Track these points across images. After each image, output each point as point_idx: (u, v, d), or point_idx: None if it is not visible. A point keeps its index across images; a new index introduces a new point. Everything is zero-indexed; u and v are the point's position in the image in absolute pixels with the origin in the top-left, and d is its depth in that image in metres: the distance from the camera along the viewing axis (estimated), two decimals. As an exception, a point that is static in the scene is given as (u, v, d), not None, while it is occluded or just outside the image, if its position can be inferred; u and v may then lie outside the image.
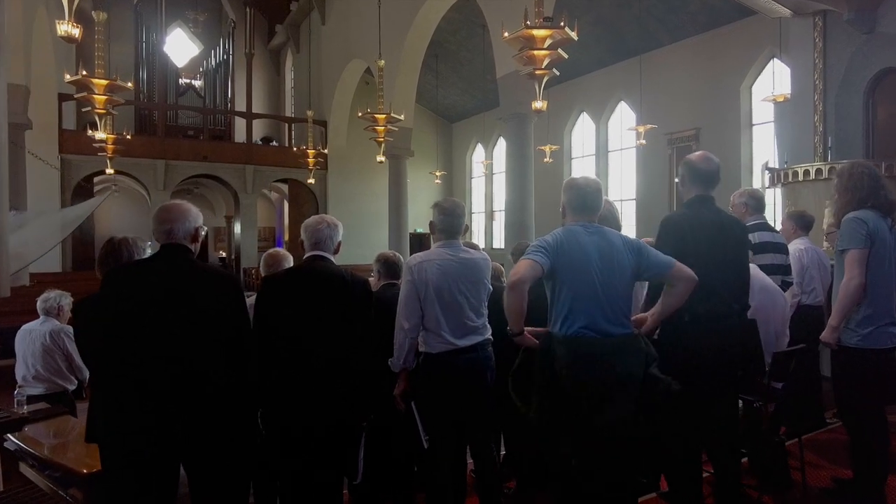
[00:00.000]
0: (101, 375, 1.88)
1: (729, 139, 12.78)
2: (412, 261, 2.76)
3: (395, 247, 15.31)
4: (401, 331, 2.72)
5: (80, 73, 8.95)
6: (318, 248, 2.60)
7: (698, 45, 13.25)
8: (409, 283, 2.72)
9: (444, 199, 2.92)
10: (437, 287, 2.70)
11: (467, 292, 2.77)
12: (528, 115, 10.14)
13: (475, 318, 2.80)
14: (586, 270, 2.24)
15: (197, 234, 2.12)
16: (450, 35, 16.81)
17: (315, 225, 2.62)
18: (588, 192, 2.40)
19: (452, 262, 2.75)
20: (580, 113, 17.18)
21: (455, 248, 2.81)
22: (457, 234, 2.84)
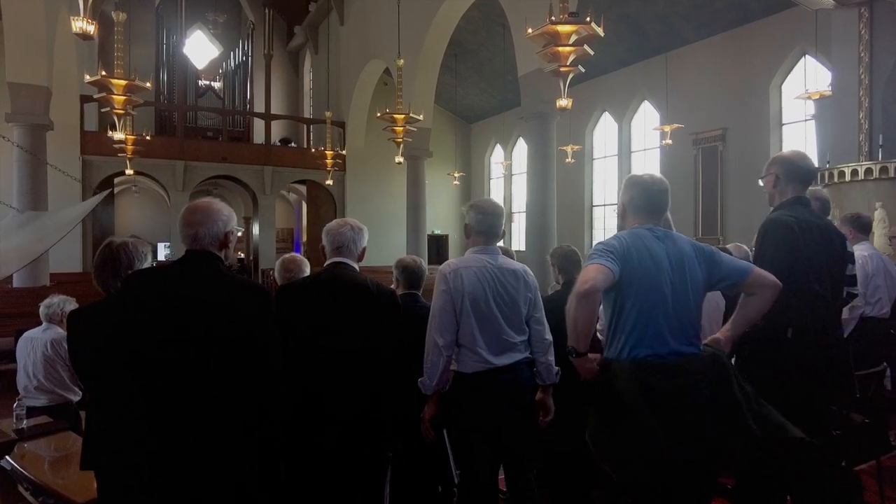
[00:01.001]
0: (99, 396, 1.61)
1: (757, 139, 12.39)
2: (446, 267, 2.46)
3: (413, 249, 15.15)
4: (434, 348, 2.39)
5: (99, 74, 8.92)
6: (341, 254, 2.38)
7: (725, 43, 12.87)
8: (443, 294, 2.40)
9: (480, 199, 2.60)
10: (473, 297, 2.40)
11: (506, 305, 2.46)
12: (550, 114, 9.90)
13: (514, 334, 2.48)
14: (657, 283, 1.92)
15: (227, 239, 1.85)
16: (469, 34, 16.61)
17: (337, 228, 2.41)
18: (655, 191, 2.12)
19: (491, 270, 2.45)
20: (602, 113, 16.86)
21: (493, 253, 2.51)
22: (496, 237, 2.54)
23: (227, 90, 23.92)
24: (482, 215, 2.51)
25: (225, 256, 1.86)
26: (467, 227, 2.56)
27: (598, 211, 17.39)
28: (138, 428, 1.53)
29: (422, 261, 3.05)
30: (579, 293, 1.81)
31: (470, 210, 2.55)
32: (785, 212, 2.42)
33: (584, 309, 1.81)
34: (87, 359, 1.60)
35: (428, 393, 2.44)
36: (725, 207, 13.00)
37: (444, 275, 2.43)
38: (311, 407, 2.15)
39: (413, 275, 2.99)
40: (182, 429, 1.55)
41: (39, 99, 11.35)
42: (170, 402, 1.55)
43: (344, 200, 20.57)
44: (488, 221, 2.51)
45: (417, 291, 2.99)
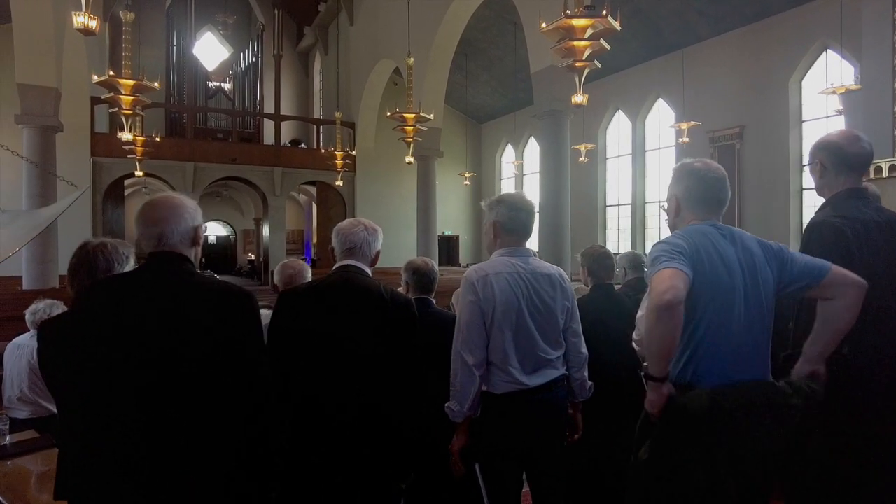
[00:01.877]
0: (70, 417, 1.40)
1: (776, 137, 12.09)
2: (474, 274, 2.12)
3: (424, 250, 14.98)
4: (463, 367, 2.05)
5: (107, 74, 8.84)
6: (352, 256, 2.13)
7: (742, 38, 12.58)
8: (471, 305, 2.06)
9: (509, 193, 2.24)
10: (505, 308, 2.06)
11: (541, 316, 2.13)
12: (564, 111, 9.69)
13: (550, 349, 2.15)
14: (730, 294, 1.60)
15: (197, 235, 1.61)
16: (480, 33, 16.42)
17: (350, 228, 2.15)
18: (713, 179, 1.78)
19: (525, 276, 2.12)
20: (616, 111, 16.60)
21: (525, 256, 2.18)
22: (527, 236, 2.21)
23: (237, 91, 23.90)
24: (513, 212, 2.16)
25: (194, 257, 1.62)
26: (495, 226, 2.19)
27: (611, 211, 17.12)
28: (114, 453, 1.34)
29: (433, 263, 2.75)
30: (660, 305, 1.46)
31: (497, 205, 2.18)
32: (831, 211, 2.01)
33: (666, 325, 1.47)
34: (55, 375, 1.41)
35: (457, 420, 2.09)
36: (743, 208, 12.70)
37: (471, 283, 2.09)
38: (311, 432, 1.93)
39: (424, 278, 2.68)
40: (162, 454, 1.36)
41: (49, 100, 11.30)
42: (147, 425, 1.36)
43: (354, 201, 20.45)
44: (520, 219, 2.17)
45: (429, 296, 2.70)
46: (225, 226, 27.74)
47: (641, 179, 16.03)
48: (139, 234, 1.58)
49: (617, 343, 2.63)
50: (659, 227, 15.72)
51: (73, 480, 1.38)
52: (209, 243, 26.94)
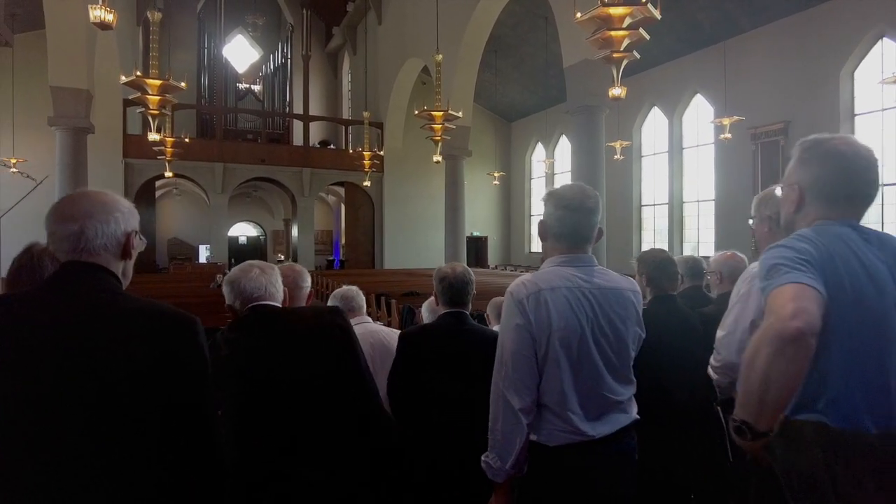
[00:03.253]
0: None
1: (825, 132, 11.37)
2: (523, 289, 1.62)
3: (452, 251, 14.67)
4: (507, 412, 1.58)
5: (134, 74, 8.83)
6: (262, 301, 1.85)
7: (787, 29, 11.92)
8: (519, 330, 1.58)
9: (563, 186, 1.75)
10: (564, 335, 1.57)
11: (609, 346, 1.63)
12: (598, 106, 9.28)
13: (620, 387, 1.67)
14: (878, 313, 1.20)
15: (129, 245, 1.21)
16: (510, 29, 16.06)
17: (243, 275, 1.83)
18: (861, 168, 1.31)
19: (589, 293, 1.63)
20: (651, 107, 16.03)
21: (587, 266, 1.68)
22: (589, 241, 1.72)
23: (267, 93, 24.04)
24: (560, 211, 1.67)
25: (122, 273, 1.21)
26: (543, 227, 1.73)
27: (647, 211, 16.54)
28: None
29: (465, 269, 2.28)
30: (786, 336, 1.07)
31: (546, 201, 1.73)
32: None
33: (790, 363, 1.07)
34: None
35: (497, 479, 1.62)
36: (788, 206, 12.02)
37: (518, 301, 1.60)
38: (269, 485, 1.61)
39: (453, 288, 2.21)
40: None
41: (81, 102, 11.38)
42: (57, 481, 1.04)
43: (382, 202, 20.31)
44: (570, 221, 1.66)
45: (464, 309, 2.24)
46: (255, 226, 27.95)
47: (678, 178, 15.43)
48: (49, 234, 1.18)
49: (683, 368, 2.23)
50: (697, 228, 15.10)
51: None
52: (240, 244, 27.17)
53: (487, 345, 1.91)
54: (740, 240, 12.78)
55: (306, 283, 2.19)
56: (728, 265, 2.63)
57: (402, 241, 20.26)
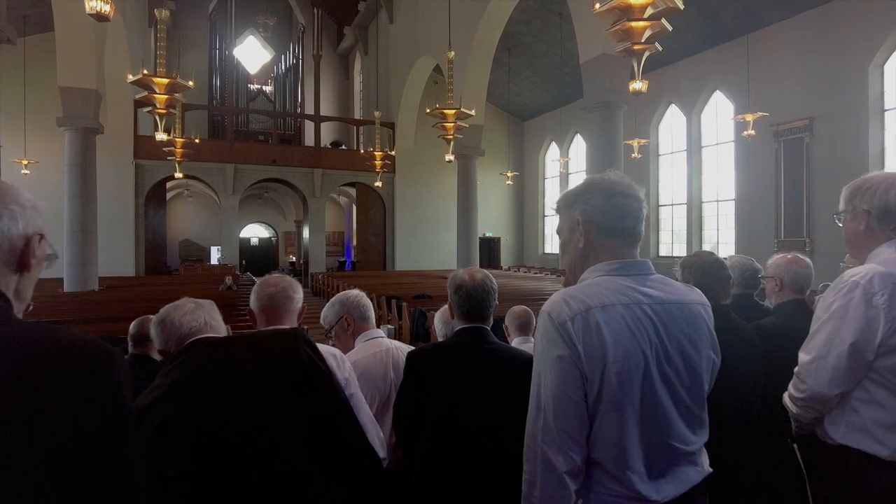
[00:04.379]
0: None
1: (852, 128, 10.98)
2: (564, 309, 1.21)
3: (464, 252, 14.39)
4: (548, 474, 1.18)
5: (141, 73, 8.68)
6: None
7: (813, 21, 11.50)
8: (562, 364, 1.18)
9: (602, 176, 1.33)
10: (624, 368, 1.18)
11: (679, 380, 1.24)
12: (616, 102, 8.96)
13: (691, 433, 1.26)
14: None
15: (27, 251, 0.90)
16: (523, 26, 15.75)
17: (174, 314, 1.59)
18: None
19: (650, 310, 1.23)
20: (669, 105, 15.63)
21: (643, 274, 1.29)
22: (638, 240, 1.33)
23: (279, 93, 23.96)
24: (617, 198, 1.28)
25: (17, 295, 0.88)
26: (585, 227, 1.30)
27: (664, 211, 16.14)
28: None
29: (488, 277, 1.88)
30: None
31: (584, 194, 1.32)
32: None
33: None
34: None
35: None
36: (813, 207, 11.61)
37: (561, 324, 1.19)
38: None
39: (474, 301, 1.81)
40: None
41: (89, 102, 11.26)
42: None
43: (393, 202, 20.09)
44: (629, 209, 1.29)
45: (485, 324, 1.85)
46: (267, 228, 27.89)
47: (697, 177, 15.02)
48: None
49: (741, 392, 1.88)
50: (717, 229, 14.69)
51: None
52: (252, 246, 27.12)
53: (516, 369, 1.62)
54: (762, 241, 12.39)
55: (298, 295, 1.80)
56: (791, 271, 2.20)
57: (414, 242, 20.02)
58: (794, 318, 2.05)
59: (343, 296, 2.17)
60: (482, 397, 1.70)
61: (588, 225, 1.29)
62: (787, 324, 2.02)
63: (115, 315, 7.98)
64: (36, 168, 14.79)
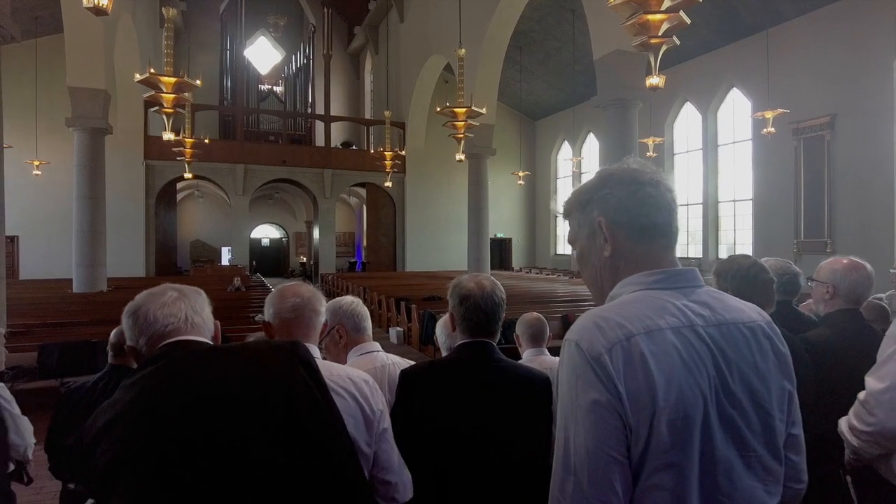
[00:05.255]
0: None
1: (875, 125, 10.64)
2: (598, 337, 0.90)
3: (475, 253, 14.19)
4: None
5: (148, 72, 8.60)
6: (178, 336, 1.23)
7: (834, 15, 11.18)
8: (599, 412, 0.88)
9: (621, 167, 1.05)
10: (679, 414, 0.88)
11: (745, 421, 0.94)
12: (631, 100, 8.72)
13: (763, 490, 0.95)
14: None
15: None
16: (535, 23, 15.53)
17: (152, 301, 1.25)
18: None
19: (704, 333, 0.94)
20: (684, 103, 15.32)
21: (691, 285, 1.00)
22: (674, 239, 1.05)
23: (289, 94, 23.91)
24: (641, 189, 1.01)
25: None
26: (611, 229, 1.02)
27: (679, 210, 15.81)
28: None
29: (497, 286, 1.64)
30: None
31: (602, 188, 1.04)
32: None
33: None
34: None
35: None
36: (834, 206, 11.28)
37: (594, 357, 0.89)
38: None
39: (481, 313, 1.57)
40: None
41: (98, 102, 11.22)
42: None
43: (403, 203, 19.94)
44: (655, 203, 1.01)
45: (492, 339, 1.60)
46: (278, 228, 27.87)
47: (713, 176, 14.70)
48: None
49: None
50: (734, 229, 14.36)
51: None
52: (262, 246, 27.12)
53: (530, 391, 1.39)
54: (781, 242, 12.06)
55: (323, 309, 1.51)
56: (849, 280, 1.88)
57: (425, 242, 19.85)
58: (848, 330, 1.82)
59: (335, 303, 1.86)
60: (489, 425, 1.45)
61: (613, 227, 1.00)
62: (840, 338, 1.79)
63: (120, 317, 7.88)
64: (47, 169, 14.82)
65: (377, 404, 1.37)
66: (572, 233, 1.09)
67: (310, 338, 1.44)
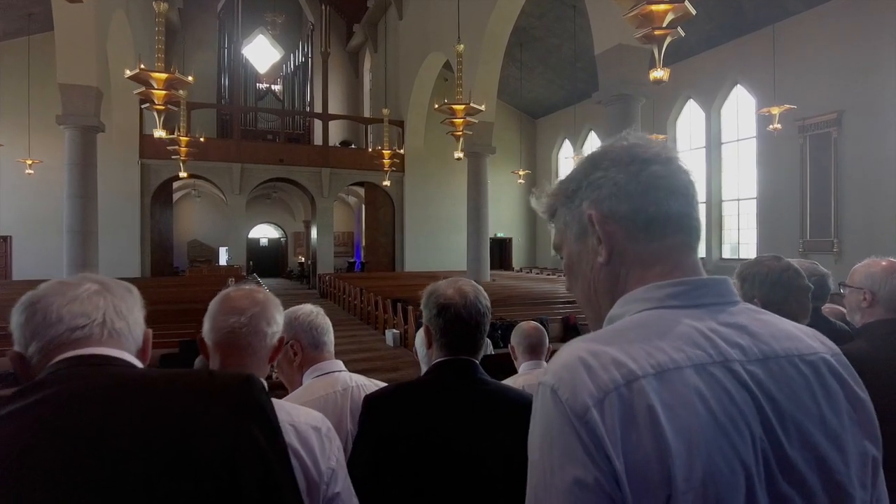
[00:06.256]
0: None
1: (883, 122, 10.41)
2: (584, 381, 0.59)
3: (475, 253, 13.97)
4: None
5: (138, 68, 8.41)
6: (89, 345, 0.88)
7: (842, 10, 10.93)
8: (581, 492, 0.57)
9: (618, 143, 0.76)
10: (706, 499, 0.56)
11: (805, 497, 0.61)
12: (634, 95, 8.49)
13: None
14: None
15: None
16: (535, 19, 15.30)
17: (50, 295, 0.89)
18: None
19: (744, 372, 0.62)
20: (687, 100, 15.09)
21: (723, 302, 0.69)
22: (699, 239, 0.75)
23: (287, 92, 23.71)
24: (643, 167, 0.72)
25: None
26: (606, 225, 0.72)
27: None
28: None
29: (481, 293, 1.38)
30: None
31: (592, 172, 0.75)
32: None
33: None
34: None
35: None
36: (841, 204, 11.04)
37: (577, 413, 0.59)
38: None
39: (461, 325, 1.32)
40: None
41: (90, 100, 10.99)
42: None
43: (402, 202, 19.71)
44: (668, 187, 0.72)
45: (475, 357, 1.35)
46: (276, 228, 27.67)
47: (717, 175, 14.47)
48: None
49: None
50: (738, 228, 14.12)
51: None
52: (261, 246, 26.92)
53: (523, 424, 1.14)
54: (786, 241, 11.82)
55: (273, 327, 1.20)
56: (890, 283, 1.62)
57: (424, 242, 19.62)
58: (892, 344, 1.55)
59: (291, 313, 1.56)
60: (472, 465, 1.19)
61: (609, 222, 0.71)
62: (882, 353, 1.52)
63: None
64: (40, 168, 14.60)
65: (328, 461, 1.08)
66: (558, 235, 0.81)
67: (250, 365, 1.16)
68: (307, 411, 1.14)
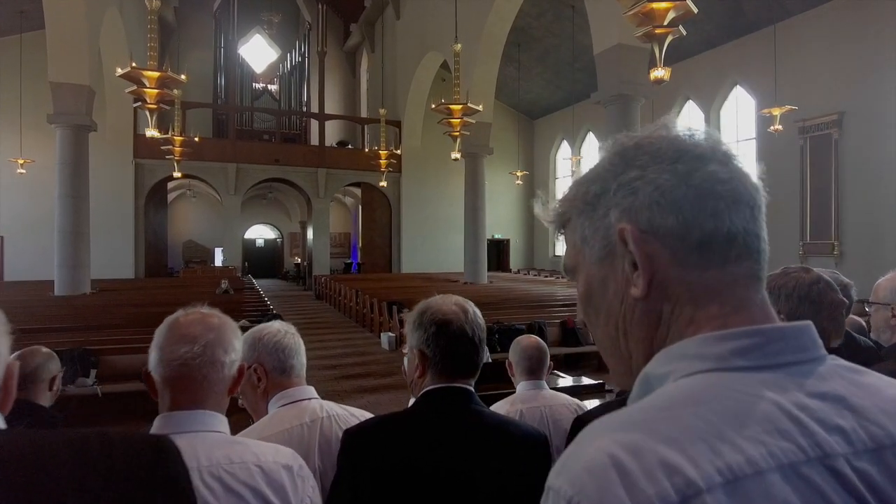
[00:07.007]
0: None
1: (884, 123, 10.31)
2: (617, 493, 0.37)
3: (472, 255, 13.84)
4: None
5: (130, 66, 8.28)
6: None
7: (843, 10, 10.84)
8: None
9: (657, 133, 0.53)
10: None
11: None
12: (633, 96, 8.38)
13: None
14: None
15: None
16: (534, 20, 15.18)
17: None
18: None
19: (852, 473, 0.41)
20: (686, 101, 14.99)
21: (807, 360, 0.47)
22: (765, 269, 0.54)
23: (283, 92, 23.56)
24: (699, 165, 0.51)
25: None
26: (646, 247, 0.50)
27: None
28: None
29: (477, 314, 1.22)
30: None
31: (624, 171, 0.52)
32: None
33: None
34: None
35: None
36: (842, 206, 10.94)
37: None
38: None
39: (459, 346, 1.16)
40: None
41: (82, 98, 10.82)
42: None
43: (399, 203, 19.57)
44: (731, 196, 0.51)
45: (467, 384, 1.19)
46: (272, 229, 27.50)
47: (716, 177, 14.36)
48: None
49: None
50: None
51: None
52: (257, 247, 26.77)
53: (525, 460, 1.01)
54: (786, 244, 11.70)
55: (231, 356, 1.06)
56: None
57: (421, 243, 19.48)
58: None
59: (255, 333, 1.40)
60: (464, 498, 1.06)
61: (649, 240, 0.50)
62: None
63: (99, 322, 7.50)
64: (32, 167, 14.42)
65: (301, 502, 0.97)
66: (571, 254, 0.59)
67: (206, 401, 1.01)
68: (276, 448, 1.01)
